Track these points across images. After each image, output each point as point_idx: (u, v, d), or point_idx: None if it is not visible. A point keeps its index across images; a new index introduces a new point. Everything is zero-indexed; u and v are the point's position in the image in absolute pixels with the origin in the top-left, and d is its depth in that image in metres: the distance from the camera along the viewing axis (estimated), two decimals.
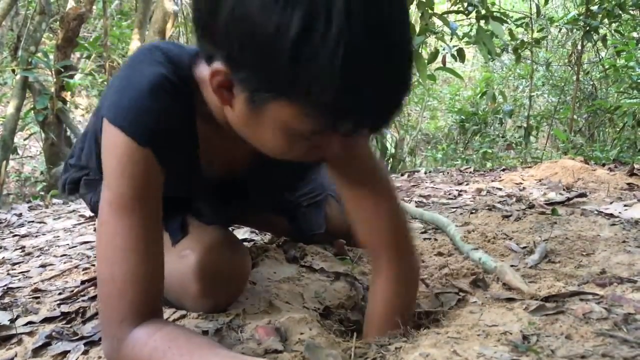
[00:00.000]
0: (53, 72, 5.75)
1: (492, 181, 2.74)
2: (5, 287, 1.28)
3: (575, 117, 6.26)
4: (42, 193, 5.79)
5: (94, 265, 1.45)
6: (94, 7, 6.79)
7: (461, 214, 1.89)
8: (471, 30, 5.12)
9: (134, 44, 5.63)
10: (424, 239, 1.53)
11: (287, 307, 0.99)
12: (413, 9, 4.71)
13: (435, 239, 1.50)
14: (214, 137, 0.89)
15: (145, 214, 0.79)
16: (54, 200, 3.04)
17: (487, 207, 1.93)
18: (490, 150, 6.45)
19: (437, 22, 4.69)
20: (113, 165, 0.79)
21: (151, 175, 0.79)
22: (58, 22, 6.99)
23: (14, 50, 6.02)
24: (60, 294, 1.22)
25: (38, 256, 1.63)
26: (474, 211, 1.88)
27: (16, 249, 1.75)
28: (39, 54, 5.95)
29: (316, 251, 1.31)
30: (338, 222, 1.34)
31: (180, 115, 0.83)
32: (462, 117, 7.43)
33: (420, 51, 4.43)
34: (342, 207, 1.32)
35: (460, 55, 4.83)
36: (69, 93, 6.14)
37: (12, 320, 1.05)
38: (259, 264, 1.25)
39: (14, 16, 6.31)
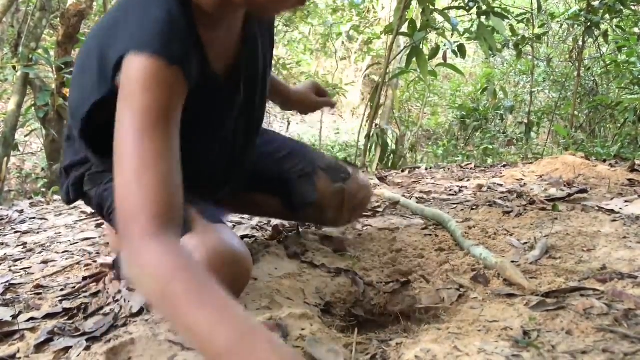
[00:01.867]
0: (54, 68, 5.74)
1: (493, 177, 2.73)
2: (7, 284, 1.28)
3: (576, 113, 6.25)
4: (43, 190, 5.80)
5: (95, 261, 1.46)
6: (94, 3, 6.77)
7: (462, 210, 1.89)
8: (472, 26, 5.10)
9: None
10: (425, 234, 1.53)
11: (288, 303, 0.99)
12: (414, 4, 4.70)
13: (436, 235, 1.50)
14: (213, 34, 1.00)
15: (170, 132, 0.83)
16: (55, 197, 3.04)
17: (487, 203, 1.93)
18: (491, 146, 6.45)
19: (438, 17, 4.69)
20: (140, 87, 0.82)
21: (177, 93, 0.86)
22: (58, 19, 6.99)
23: (14, 47, 6.02)
24: (62, 290, 1.23)
25: (40, 252, 1.63)
26: (474, 207, 1.88)
27: (18, 246, 1.75)
28: (40, 51, 5.93)
29: (317, 247, 1.31)
30: (328, 194, 1.35)
31: (191, 33, 0.93)
32: (463, 113, 7.42)
33: (421, 47, 4.41)
34: (331, 180, 1.37)
35: (461, 51, 4.83)
36: (69, 89, 6.14)
37: (15, 317, 1.05)
38: (260, 260, 1.25)
39: (15, 13, 6.30)
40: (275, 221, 1.84)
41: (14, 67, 6.30)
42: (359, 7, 8.46)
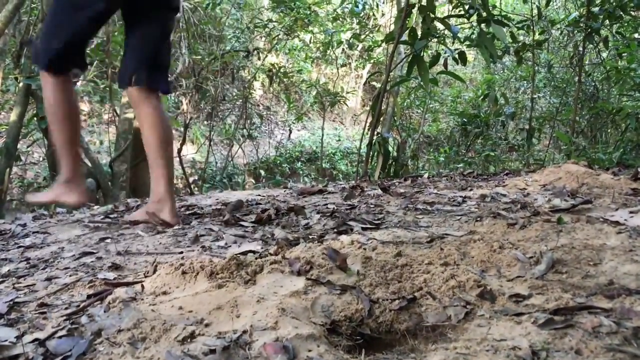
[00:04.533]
0: None
1: (496, 186, 2.73)
2: (11, 302, 1.27)
3: (577, 118, 6.25)
4: None
5: (98, 278, 1.45)
6: None
7: (466, 221, 1.88)
8: (473, 33, 5.11)
9: None
10: (430, 248, 1.53)
11: (294, 323, 0.98)
12: (415, 12, 4.71)
13: (441, 249, 1.50)
14: None
15: None
16: (58, 210, 3.04)
17: (492, 215, 1.92)
18: (492, 153, 6.45)
19: (439, 25, 4.69)
20: None
21: None
22: None
23: (16, 58, 6.04)
24: (66, 308, 1.22)
25: (43, 269, 1.62)
26: (479, 219, 1.87)
27: (21, 261, 1.75)
28: None
29: (322, 263, 1.31)
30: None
31: None
32: (464, 119, 7.43)
33: (422, 55, 4.42)
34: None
35: (462, 58, 4.84)
36: None
37: (19, 337, 1.05)
38: (265, 277, 1.24)
39: (17, 23, 6.33)
40: (278, 235, 1.84)
41: (16, 78, 6.32)
42: (359, 15, 8.49)
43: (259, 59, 9.94)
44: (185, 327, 0.96)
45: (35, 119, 6.13)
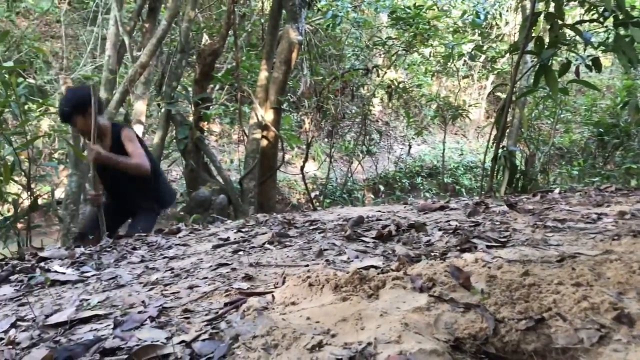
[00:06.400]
0: (192, 104, 6.28)
1: (638, 202, 2.51)
2: (160, 307, 1.43)
3: None
4: (182, 213, 6.33)
5: (233, 287, 1.57)
6: (226, 41, 7.32)
7: (601, 240, 1.76)
8: (608, 38, 4.76)
9: (263, 75, 5.97)
10: (561, 267, 1.46)
11: (417, 338, 1.00)
12: (541, 19, 4.50)
13: (573, 268, 1.42)
14: None
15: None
16: (194, 225, 3.31)
17: (631, 233, 1.78)
18: (635, 166, 5.90)
19: (569, 32, 4.43)
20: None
21: None
22: (195, 57, 7.62)
23: (159, 87, 6.69)
24: (206, 314, 1.34)
25: (185, 278, 1.79)
26: (616, 237, 1.74)
27: (166, 270, 1.94)
28: (179, 88, 6.53)
29: (444, 281, 1.31)
30: None
31: None
32: (601, 129, 6.88)
33: (550, 64, 4.20)
34: None
35: (596, 65, 4.51)
36: (206, 123, 6.67)
37: (169, 338, 1.17)
38: (388, 292, 1.27)
39: (159, 55, 7.02)
40: (399, 251, 1.86)
41: (158, 105, 6.99)
42: (481, 26, 8.26)
43: (378, 75, 10.05)
44: (314, 337, 1.02)
45: (174, 141, 6.73)
